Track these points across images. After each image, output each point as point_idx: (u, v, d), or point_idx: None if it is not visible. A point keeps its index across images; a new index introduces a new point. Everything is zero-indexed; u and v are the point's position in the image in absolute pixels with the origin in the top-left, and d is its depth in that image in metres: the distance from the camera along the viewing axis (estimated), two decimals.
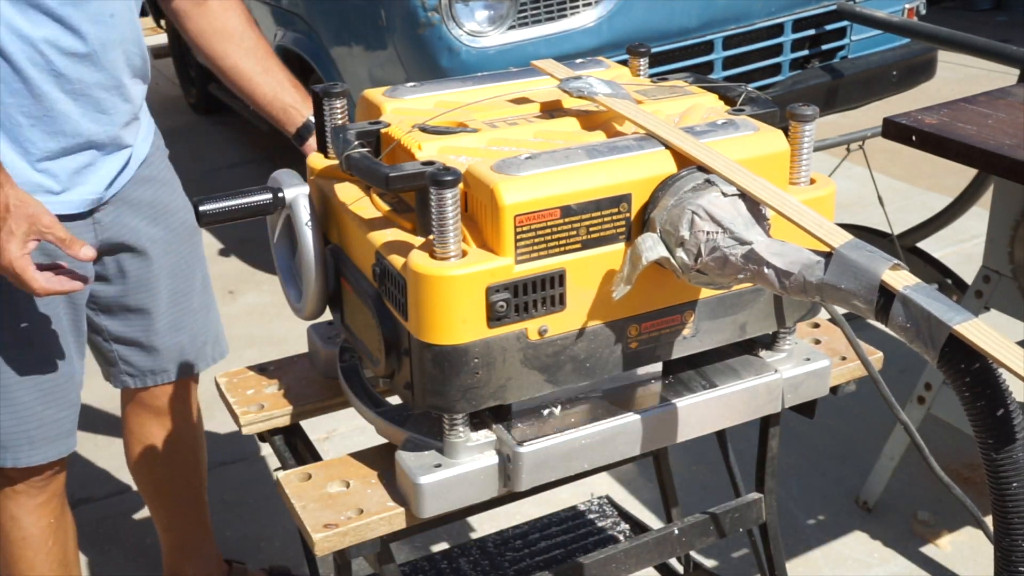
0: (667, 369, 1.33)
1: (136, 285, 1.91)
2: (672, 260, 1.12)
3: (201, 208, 1.30)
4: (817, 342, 1.52)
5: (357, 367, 1.43)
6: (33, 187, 1.67)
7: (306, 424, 1.51)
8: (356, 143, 1.23)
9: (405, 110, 1.34)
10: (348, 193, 1.32)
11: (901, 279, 0.95)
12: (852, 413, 2.98)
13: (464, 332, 1.10)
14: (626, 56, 1.52)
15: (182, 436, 2.14)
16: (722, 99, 1.36)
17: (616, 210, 1.14)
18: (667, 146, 1.17)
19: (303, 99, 1.85)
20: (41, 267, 1.56)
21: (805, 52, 3.76)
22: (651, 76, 1.49)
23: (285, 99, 1.85)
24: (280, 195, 1.34)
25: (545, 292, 1.13)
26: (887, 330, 0.97)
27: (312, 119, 1.80)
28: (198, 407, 2.17)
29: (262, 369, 1.55)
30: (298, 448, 1.47)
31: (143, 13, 1.86)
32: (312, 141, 1.80)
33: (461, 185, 1.09)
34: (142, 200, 1.88)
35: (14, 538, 1.89)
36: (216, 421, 3.13)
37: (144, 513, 2.74)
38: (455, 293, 1.08)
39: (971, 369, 0.89)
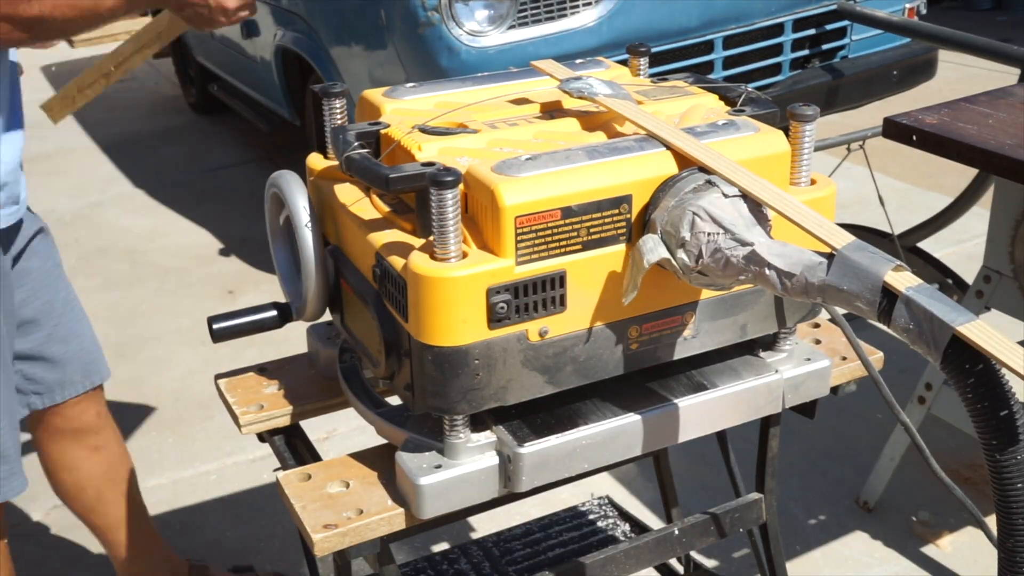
0: (668, 370, 1.32)
1: (35, 290, 1.89)
2: (673, 261, 1.12)
3: (215, 327, 1.42)
4: (817, 342, 1.51)
5: (357, 368, 1.43)
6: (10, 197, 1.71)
7: (306, 424, 1.51)
8: (356, 144, 1.22)
9: (405, 111, 1.34)
10: (348, 194, 1.32)
11: (903, 280, 0.95)
12: (852, 413, 2.98)
13: (464, 333, 1.10)
14: (626, 56, 1.52)
15: (105, 450, 2.11)
16: (722, 99, 1.35)
17: (617, 211, 1.14)
18: (668, 147, 1.17)
19: None
20: None
21: (805, 52, 3.75)
22: (651, 76, 1.49)
23: None
24: (287, 312, 1.43)
25: (546, 293, 1.13)
26: (887, 330, 0.97)
27: None
28: (110, 417, 2.14)
29: (262, 369, 1.55)
30: (298, 448, 1.47)
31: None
32: None
33: (461, 186, 1.09)
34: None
35: None
36: (216, 421, 3.13)
37: None
38: (455, 294, 1.08)
39: (974, 370, 0.89)
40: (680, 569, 2.11)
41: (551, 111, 1.32)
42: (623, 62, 1.56)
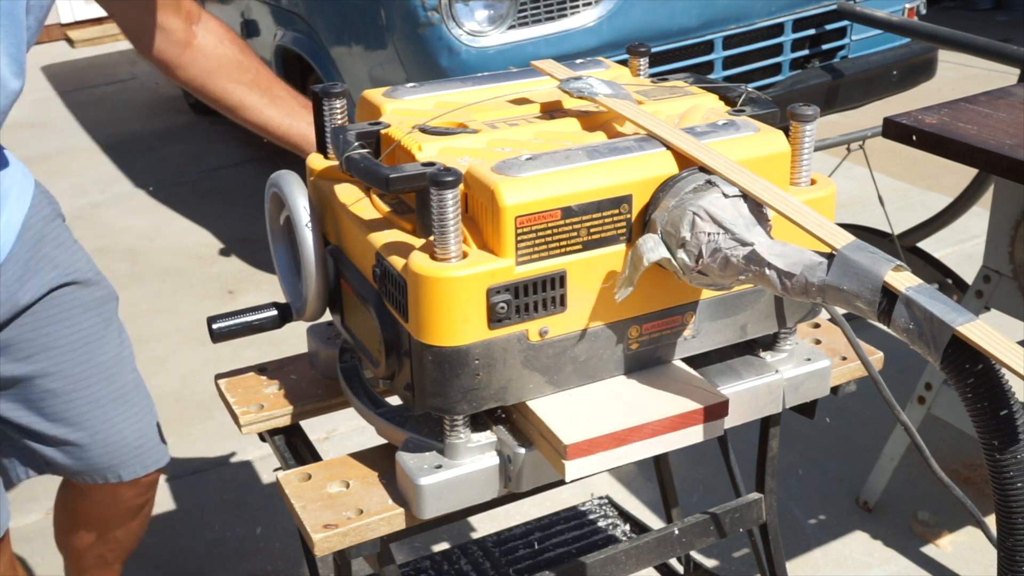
0: None
1: (32, 355, 1.66)
2: (673, 261, 1.12)
3: (214, 326, 1.42)
4: (818, 342, 1.51)
5: (357, 368, 1.43)
6: None
7: (306, 424, 1.51)
8: (356, 144, 1.22)
9: (405, 111, 1.34)
10: (348, 194, 1.32)
11: (904, 280, 0.95)
12: (852, 413, 2.98)
13: (465, 333, 1.10)
14: (626, 56, 1.52)
15: (113, 527, 1.96)
16: (722, 99, 1.35)
17: (617, 211, 1.14)
18: (668, 147, 1.17)
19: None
20: None
21: (805, 52, 3.76)
22: (651, 76, 1.49)
23: (300, 126, 1.75)
24: (287, 312, 1.43)
25: (546, 293, 1.13)
26: (887, 330, 0.97)
27: None
28: (147, 502, 1.98)
29: (262, 369, 1.55)
30: (298, 448, 1.47)
31: None
32: None
33: (461, 186, 1.09)
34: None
35: None
36: (216, 421, 3.13)
37: None
38: (455, 294, 1.08)
39: (974, 370, 0.89)
40: (680, 569, 2.11)
41: (551, 111, 1.32)
42: (623, 62, 1.56)
